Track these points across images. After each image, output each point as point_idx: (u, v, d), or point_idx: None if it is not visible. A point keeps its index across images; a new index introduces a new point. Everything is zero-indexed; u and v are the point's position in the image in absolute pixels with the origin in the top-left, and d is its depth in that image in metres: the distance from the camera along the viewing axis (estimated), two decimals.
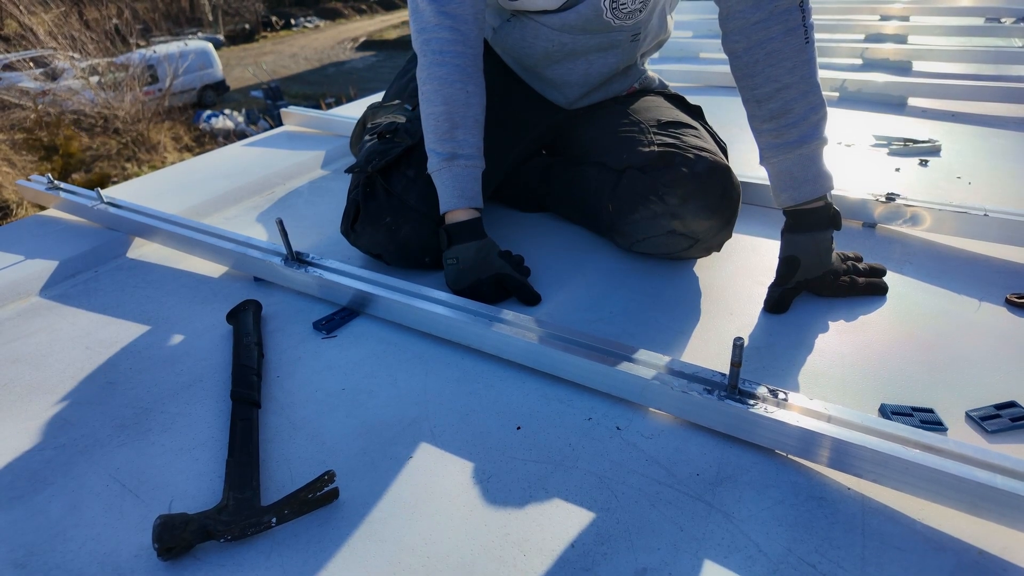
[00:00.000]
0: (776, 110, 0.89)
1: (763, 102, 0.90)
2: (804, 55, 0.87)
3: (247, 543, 0.61)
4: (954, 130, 1.61)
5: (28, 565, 0.61)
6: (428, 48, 0.97)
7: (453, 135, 0.97)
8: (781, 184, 0.92)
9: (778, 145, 0.90)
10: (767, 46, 0.87)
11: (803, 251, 0.91)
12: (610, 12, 1.01)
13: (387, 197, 1.03)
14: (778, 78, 0.88)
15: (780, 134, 0.90)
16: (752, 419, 0.67)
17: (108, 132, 9.44)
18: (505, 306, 0.87)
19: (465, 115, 0.97)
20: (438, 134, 0.97)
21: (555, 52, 1.09)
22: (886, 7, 3.01)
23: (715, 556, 0.58)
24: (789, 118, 0.89)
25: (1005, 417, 0.71)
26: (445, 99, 0.96)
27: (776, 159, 0.91)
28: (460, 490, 0.66)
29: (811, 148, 0.89)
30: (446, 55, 0.96)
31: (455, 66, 0.96)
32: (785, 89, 0.88)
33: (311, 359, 0.88)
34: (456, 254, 0.97)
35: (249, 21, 19.98)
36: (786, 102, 0.88)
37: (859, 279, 0.95)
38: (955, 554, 0.57)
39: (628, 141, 1.06)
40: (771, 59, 0.87)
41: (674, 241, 1.01)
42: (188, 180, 1.52)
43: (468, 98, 0.97)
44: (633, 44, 1.11)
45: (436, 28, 0.96)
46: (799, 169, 0.90)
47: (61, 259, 1.15)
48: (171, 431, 0.76)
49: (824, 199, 0.90)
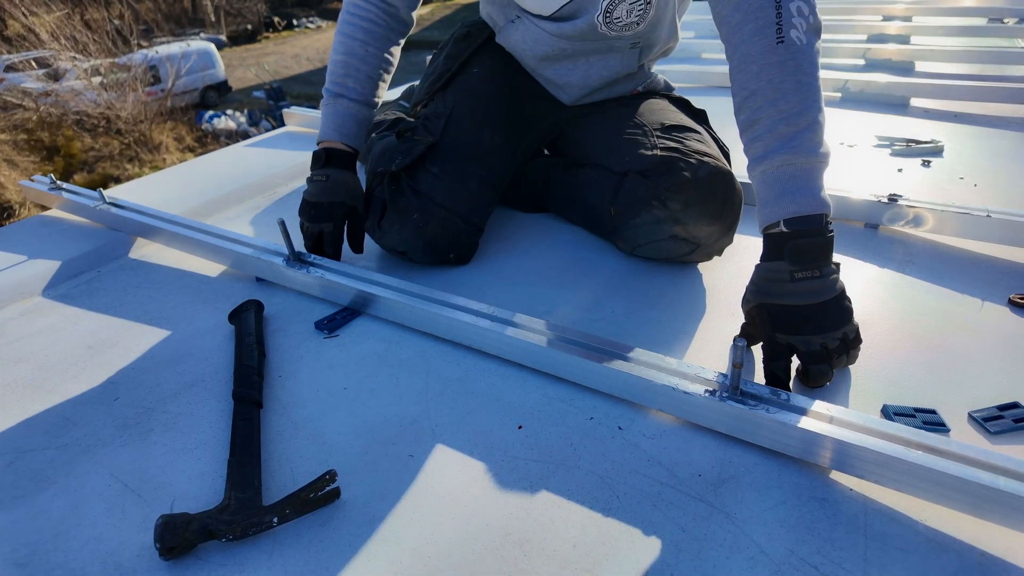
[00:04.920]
0: (745, 121, 0.80)
1: (737, 114, 0.81)
2: (774, 57, 0.75)
3: (249, 543, 0.61)
4: (957, 131, 1.61)
5: (30, 565, 0.61)
6: (348, 6, 1.07)
7: (344, 82, 1.07)
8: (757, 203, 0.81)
9: (749, 162, 0.80)
10: (739, 50, 0.79)
11: (752, 290, 0.78)
12: (604, 26, 1.02)
13: (414, 195, 1.04)
14: (745, 84, 0.79)
15: (749, 148, 0.80)
16: (754, 420, 0.67)
17: (110, 133, 9.46)
18: (504, 306, 0.87)
19: (359, 68, 1.07)
20: (333, 78, 1.08)
21: (554, 55, 1.10)
22: (888, 8, 3.01)
23: (717, 557, 0.58)
24: (755, 130, 0.78)
25: (1008, 418, 0.71)
26: (346, 50, 1.07)
27: (751, 177, 0.80)
28: (461, 489, 0.66)
29: (776, 163, 0.76)
30: (357, 16, 1.06)
31: (362, 27, 1.06)
32: (751, 96, 0.78)
33: (313, 359, 0.88)
34: (327, 173, 1.05)
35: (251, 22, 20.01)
36: (752, 111, 0.78)
37: (780, 369, 0.74)
38: (957, 555, 0.57)
39: (630, 144, 1.06)
40: (742, 64, 0.79)
41: (676, 246, 1.01)
42: (190, 180, 1.52)
43: (366, 55, 1.07)
44: (633, 51, 1.11)
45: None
46: (763, 188, 0.78)
47: (63, 259, 1.15)
48: (173, 431, 0.76)
49: (778, 225, 0.75)
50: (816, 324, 0.72)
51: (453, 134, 1.09)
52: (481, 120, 1.12)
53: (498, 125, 1.14)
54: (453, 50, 1.21)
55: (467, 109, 1.12)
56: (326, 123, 1.08)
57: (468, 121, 1.11)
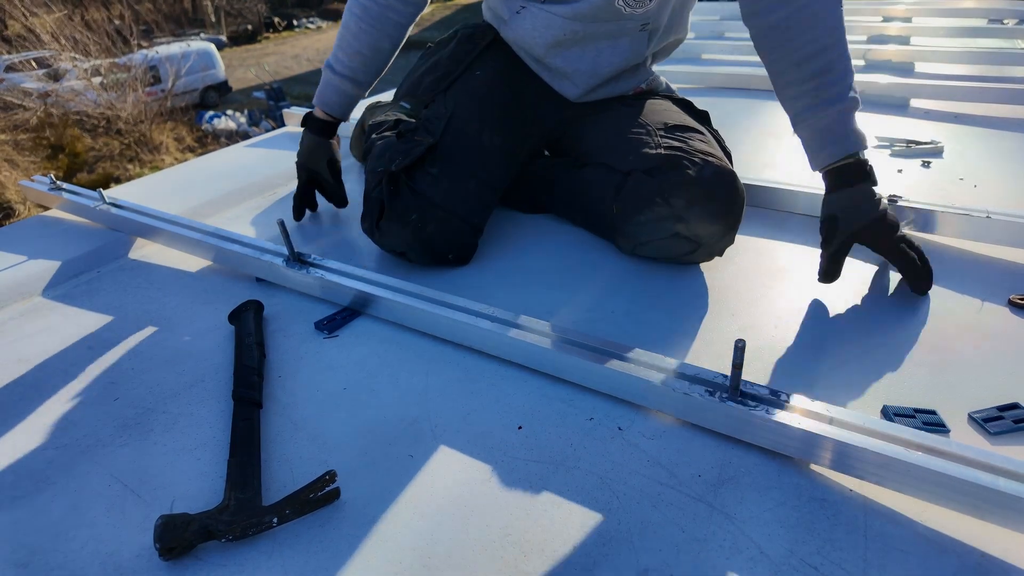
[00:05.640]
0: (818, 69, 0.92)
1: (803, 64, 0.93)
2: (838, 17, 0.92)
3: (248, 543, 0.61)
4: (957, 131, 1.61)
5: (30, 565, 0.61)
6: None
7: (336, 53, 1.18)
8: (818, 143, 0.95)
9: (816, 105, 0.93)
10: (808, 9, 0.91)
11: (840, 207, 0.93)
12: (621, 0, 1.03)
13: (412, 195, 1.04)
14: (819, 39, 0.91)
15: (819, 93, 0.93)
16: (754, 421, 0.67)
17: (111, 133, 9.46)
18: (504, 307, 0.87)
19: (350, 43, 1.16)
20: (334, 48, 1.19)
21: (565, 40, 1.10)
22: (889, 8, 3.01)
23: (717, 557, 0.58)
24: (830, 76, 0.92)
25: (1008, 419, 0.71)
26: (344, 23, 1.17)
27: (814, 119, 0.94)
28: (461, 490, 0.66)
29: (847, 106, 0.92)
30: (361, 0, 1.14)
31: (360, 3, 1.14)
32: (826, 49, 0.91)
33: (313, 359, 0.88)
34: (302, 139, 1.24)
35: (251, 22, 20.01)
36: (829, 61, 0.92)
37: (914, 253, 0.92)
38: (957, 556, 0.57)
39: (634, 143, 1.06)
40: (813, 21, 0.91)
41: (677, 245, 1.01)
42: (190, 181, 1.53)
43: (358, 32, 1.15)
44: (642, 34, 1.11)
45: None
46: (838, 125, 0.92)
47: (64, 259, 1.15)
48: (173, 431, 0.76)
49: (857, 156, 0.93)
50: (894, 224, 0.93)
51: (454, 135, 1.09)
52: (482, 122, 1.12)
53: (499, 127, 1.14)
54: (457, 51, 1.21)
55: (469, 111, 1.12)
56: (318, 89, 1.22)
57: (469, 123, 1.11)
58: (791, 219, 1.21)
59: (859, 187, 0.92)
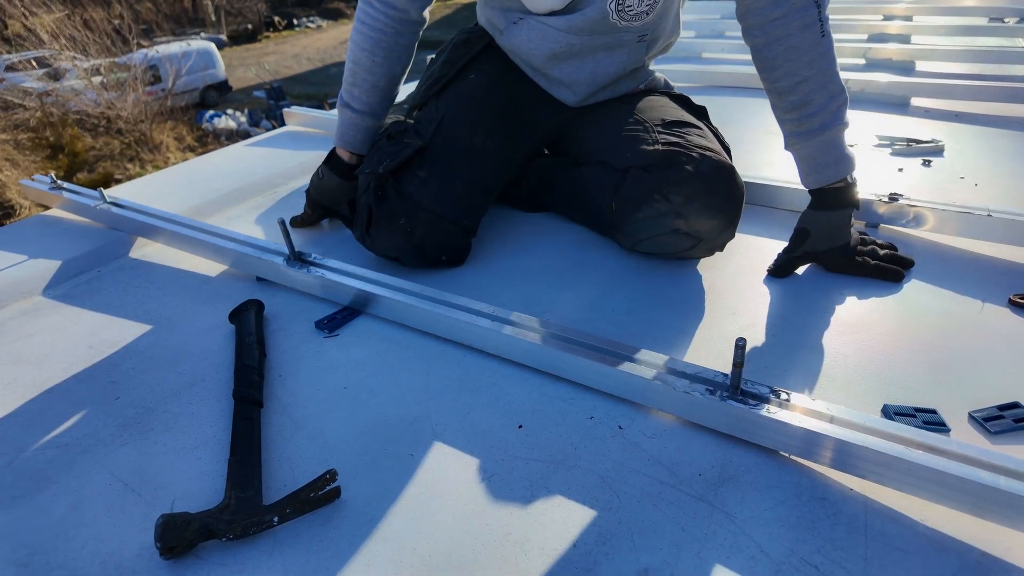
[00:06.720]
0: (796, 102, 0.94)
1: (784, 95, 0.95)
2: (821, 48, 0.91)
3: (249, 542, 0.61)
4: (957, 130, 1.61)
5: (31, 564, 0.61)
6: (359, 13, 1.11)
7: (351, 90, 1.13)
8: (806, 168, 0.98)
9: (800, 133, 0.96)
10: (785, 42, 0.91)
11: (814, 225, 0.98)
12: (616, 15, 1.02)
13: (399, 199, 1.03)
14: (796, 72, 0.92)
15: (801, 124, 0.95)
16: (754, 420, 0.67)
17: (111, 132, 9.46)
18: (504, 306, 0.87)
19: (365, 79, 1.11)
20: (344, 86, 1.15)
21: (562, 52, 1.09)
22: (889, 7, 3.00)
23: (717, 556, 0.58)
24: (809, 108, 0.94)
25: (1008, 418, 0.71)
26: (354, 59, 1.11)
27: (799, 145, 0.97)
28: (462, 489, 0.66)
29: (831, 134, 0.94)
30: (366, 25, 1.09)
31: (370, 37, 1.09)
32: (804, 82, 0.92)
33: (313, 358, 0.88)
34: (323, 172, 1.19)
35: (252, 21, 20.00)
36: (806, 94, 0.93)
37: (870, 261, 0.98)
38: (958, 555, 0.57)
39: (632, 140, 1.06)
40: (790, 54, 0.92)
41: (677, 240, 1.01)
42: (190, 180, 1.53)
43: (372, 66, 1.10)
44: (640, 45, 1.11)
45: (371, 1, 1.08)
46: (821, 154, 0.95)
47: (64, 259, 1.15)
48: (173, 430, 0.76)
49: (845, 180, 0.96)
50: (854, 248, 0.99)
51: (444, 138, 1.09)
52: (475, 124, 1.11)
53: (492, 130, 1.13)
54: (451, 55, 1.20)
55: (460, 113, 1.12)
56: (337, 130, 1.17)
57: (460, 125, 1.10)
58: (792, 217, 1.20)
59: (839, 212, 0.97)
